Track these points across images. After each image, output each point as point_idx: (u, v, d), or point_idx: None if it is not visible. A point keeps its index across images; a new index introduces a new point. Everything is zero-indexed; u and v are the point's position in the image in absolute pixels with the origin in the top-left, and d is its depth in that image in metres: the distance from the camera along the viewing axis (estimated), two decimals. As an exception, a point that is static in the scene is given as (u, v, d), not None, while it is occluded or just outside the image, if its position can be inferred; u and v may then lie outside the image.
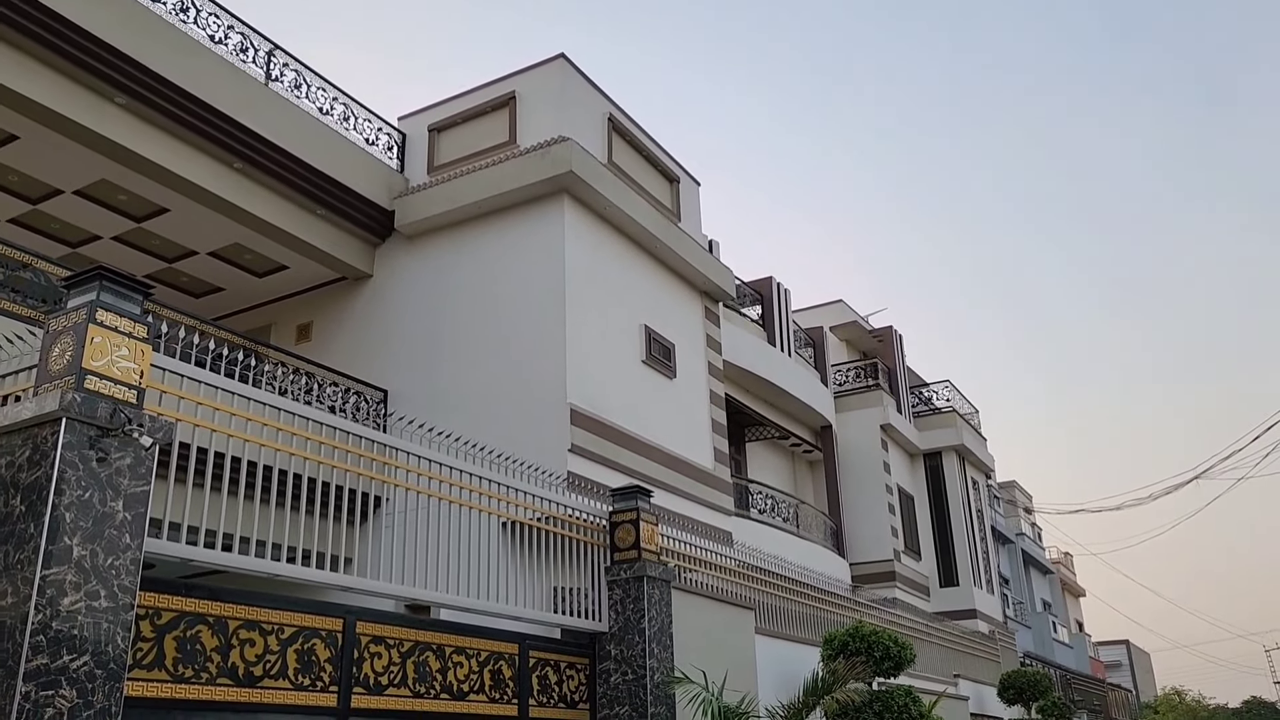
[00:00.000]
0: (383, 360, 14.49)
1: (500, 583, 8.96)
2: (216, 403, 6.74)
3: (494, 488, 9.19)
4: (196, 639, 6.36)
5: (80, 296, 5.71)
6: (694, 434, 15.71)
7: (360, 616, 7.65)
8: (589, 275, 14.00)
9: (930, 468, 26.54)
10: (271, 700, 6.78)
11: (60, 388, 5.42)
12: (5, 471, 5.43)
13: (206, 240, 14.60)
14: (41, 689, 4.96)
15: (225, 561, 6.61)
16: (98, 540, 5.36)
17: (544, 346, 13.22)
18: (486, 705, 8.57)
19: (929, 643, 18.42)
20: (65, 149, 12.17)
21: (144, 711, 5.92)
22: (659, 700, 9.64)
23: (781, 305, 22.21)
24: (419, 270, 14.90)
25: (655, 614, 9.98)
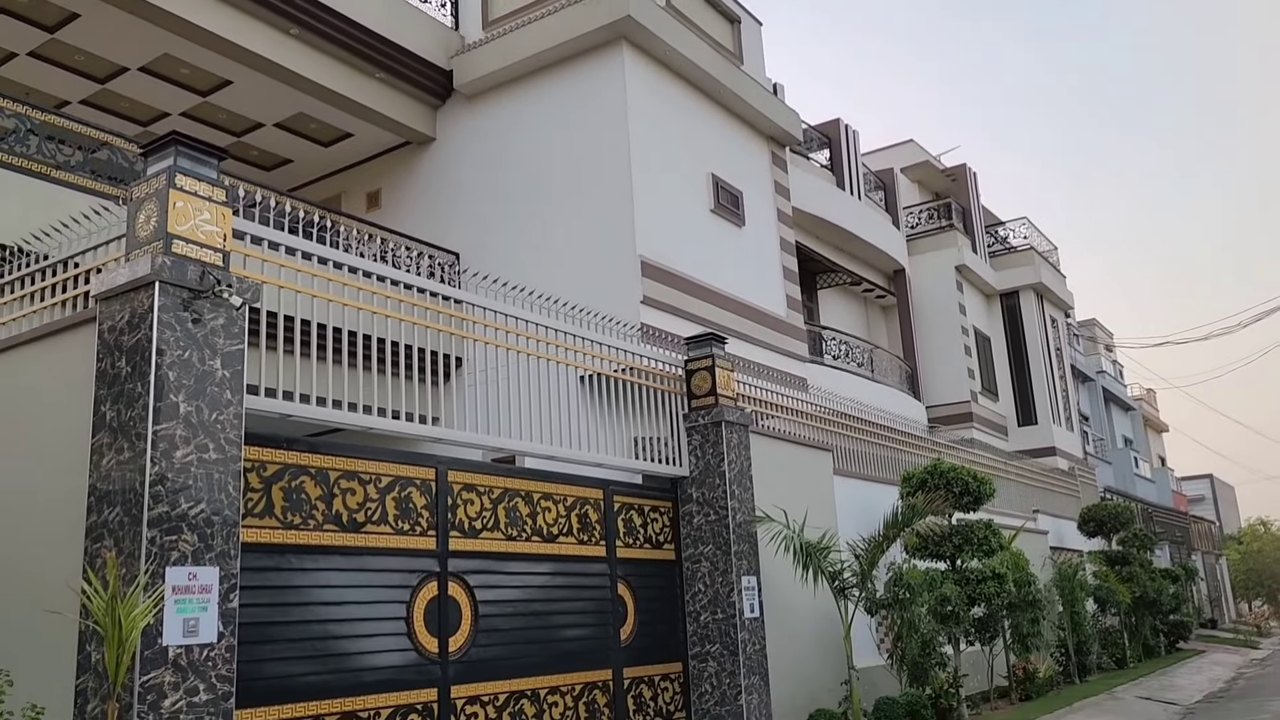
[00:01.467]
0: (452, 223, 14.58)
1: (581, 432, 9.20)
2: (299, 264, 6.90)
3: (571, 340, 9.34)
4: (301, 489, 6.71)
5: (159, 163, 5.83)
6: (765, 282, 15.63)
7: (451, 466, 7.96)
8: (653, 124, 13.75)
9: (1007, 308, 26.10)
10: (375, 544, 7.17)
11: (150, 253, 5.60)
12: (109, 335, 5.69)
13: (271, 111, 14.65)
14: (165, 534, 5.31)
15: (324, 417, 6.89)
16: (201, 397, 5.63)
17: (611, 199, 13.14)
18: (576, 546, 8.95)
19: (1007, 479, 18.55)
20: (126, 25, 12.20)
21: (259, 555, 6.31)
22: (741, 539, 9.95)
23: (850, 148, 21.61)
24: (481, 130, 14.79)
25: (734, 457, 10.19)
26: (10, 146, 9.74)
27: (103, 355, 5.69)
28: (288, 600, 6.54)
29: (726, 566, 9.80)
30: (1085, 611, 16.51)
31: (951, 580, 11.97)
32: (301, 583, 6.65)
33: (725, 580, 9.79)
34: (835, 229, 20.17)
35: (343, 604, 6.90)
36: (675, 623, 9.90)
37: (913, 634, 10.63)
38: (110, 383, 5.61)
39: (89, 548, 5.43)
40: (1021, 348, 25.70)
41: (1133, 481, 32.72)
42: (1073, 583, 16.04)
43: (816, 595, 10.28)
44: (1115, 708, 13.44)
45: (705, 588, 9.90)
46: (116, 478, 5.41)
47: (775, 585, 10.31)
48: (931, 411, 22.40)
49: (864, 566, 10.30)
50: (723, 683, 9.61)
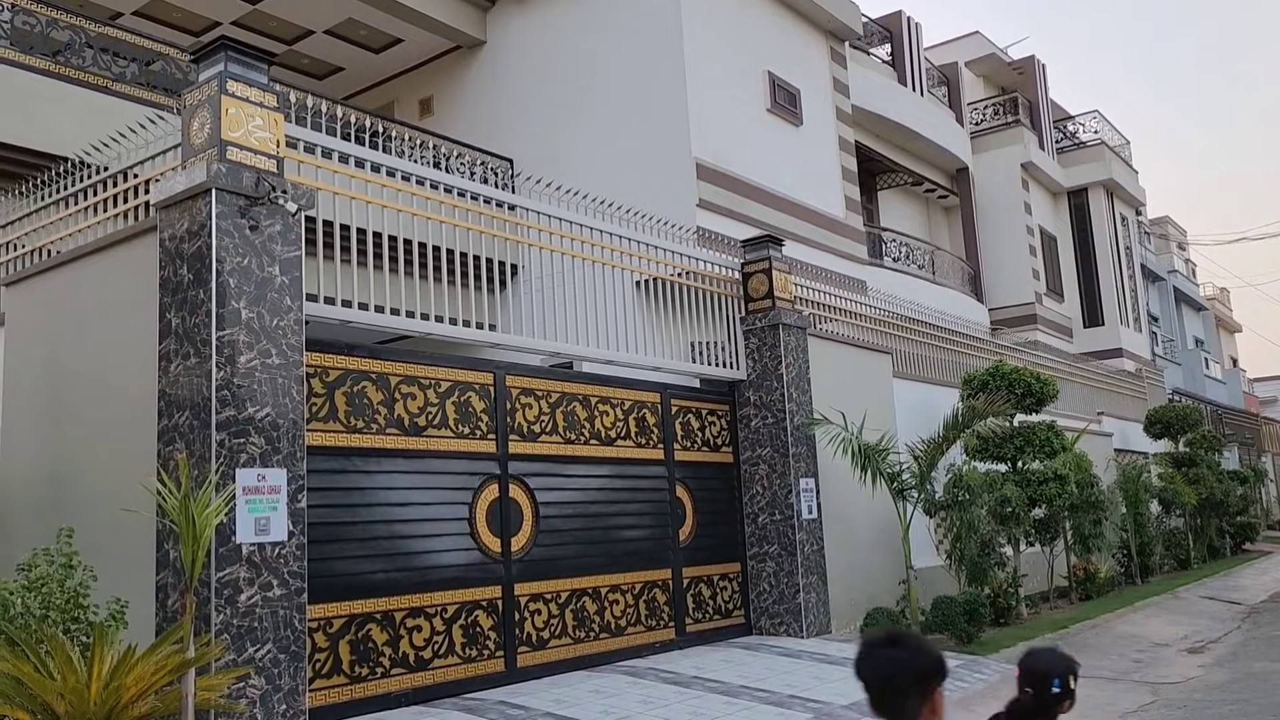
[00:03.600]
0: (505, 128, 14.42)
1: (638, 337, 9.20)
2: (352, 171, 6.89)
3: (627, 244, 9.27)
4: (363, 394, 6.83)
5: (209, 70, 5.81)
6: (823, 183, 15.30)
7: (509, 371, 8.04)
8: (707, 22, 13.35)
9: (1075, 206, 25.28)
10: (436, 447, 7.31)
11: (205, 160, 5.63)
12: (170, 244, 5.76)
13: (321, 17, 14.50)
14: (233, 437, 5.46)
15: (383, 323, 6.97)
16: (261, 303, 5.71)
17: (665, 100, 12.87)
18: (634, 449, 9.03)
19: (1071, 381, 18.23)
20: (172, -69, 12.06)
21: (324, 458, 6.47)
22: (799, 441, 9.95)
23: (912, 42, 20.81)
24: (532, 32, 14.50)
25: (792, 360, 10.13)
26: (66, 59, 9.80)
27: (165, 263, 5.78)
28: (354, 501, 6.72)
29: (784, 469, 9.84)
30: (1149, 513, 16.34)
31: (1012, 481, 11.88)
32: (366, 484, 6.82)
33: (783, 483, 9.83)
34: (896, 127, 19.58)
35: (407, 505, 7.08)
36: (733, 524, 10.01)
37: (972, 534, 10.61)
38: (174, 290, 5.71)
39: (161, 450, 5.61)
40: (1089, 247, 24.97)
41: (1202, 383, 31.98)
42: (1136, 484, 15.85)
43: (875, 497, 10.30)
44: (1177, 606, 13.38)
45: (763, 490, 9.96)
46: (184, 383, 5.55)
47: (833, 487, 10.33)
48: (994, 314, 21.99)
49: (923, 468, 10.26)
50: (780, 582, 9.73)
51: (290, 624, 5.53)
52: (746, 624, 9.87)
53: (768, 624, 9.79)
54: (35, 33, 9.61)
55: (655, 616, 8.88)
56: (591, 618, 8.25)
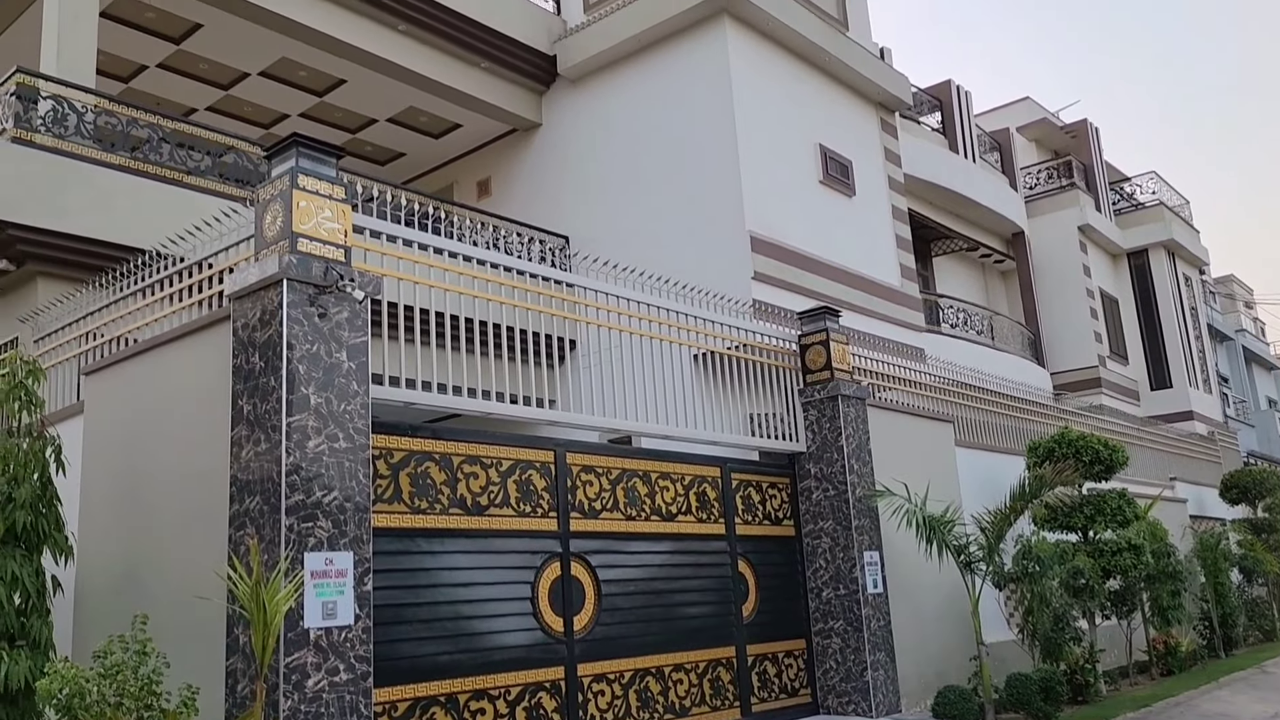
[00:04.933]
0: (561, 206, 14.72)
1: (696, 411, 9.21)
2: (415, 255, 7.08)
3: (683, 319, 9.34)
4: (426, 474, 6.91)
5: (282, 165, 6.05)
6: (878, 252, 15.32)
7: (569, 448, 8.08)
8: (758, 97, 13.58)
9: (1136, 267, 24.91)
10: (498, 526, 7.34)
11: (277, 252, 5.84)
12: (243, 333, 5.95)
13: (384, 107, 15.05)
14: (302, 521, 5.55)
15: (444, 404, 7.08)
16: (329, 389, 5.84)
17: (718, 175, 13.06)
18: (695, 524, 8.98)
19: (1141, 446, 17.78)
20: (246, 32, 12.69)
21: (389, 539, 6.54)
22: (862, 513, 9.81)
23: (962, 109, 20.92)
24: (586, 113, 14.87)
25: (852, 431, 10.05)
26: (145, 155, 10.26)
27: (238, 351, 5.96)
28: (418, 582, 6.76)
29: (847, 542, 9.70)
30: (1229, 582, 15.72)
31: (1084, 552, 11.55)
32: (430, 565, 6.86)
33: (847, 556, 9.68)
34: (949, 194, 19.59)
35: (470, 585, 7.10)
36: (797, 599, 9.86)
37: (1044, 608, 10.31)
38: (246, 377, 5.88)
39: (233, 535, 5.72)
40: (1152, 308, 24.52)
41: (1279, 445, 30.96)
42: (1215, 553, 15.28)
43: (942, 569, 10.08)
44: (1265, 681, 12.79)
45: (826, 564, 9.81)
46: (255, 468, 5.67)
47: (898, 560, 10.15)
48: (1057, 378, 21.62)
49: (990, 539, 10.03)
50: (847, 659, 9.53)
51: (356, 709, 5.55)
52: (813, 703, 9.65)
53: (835, 703, 9.56)
54: (117, 131, 10.10)
55: (720, 696, 8.72)
56: (655, 698, 8.13)
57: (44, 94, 9.66)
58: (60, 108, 9.68)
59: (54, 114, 9.63)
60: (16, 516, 5.75)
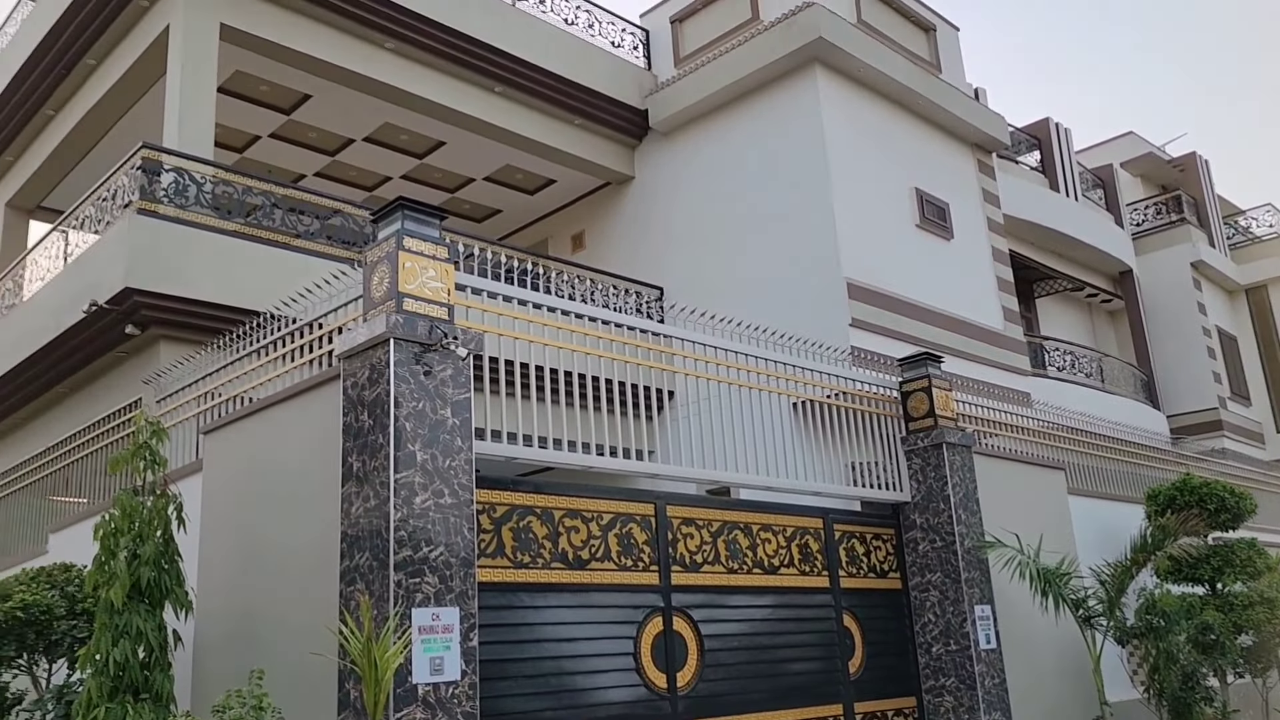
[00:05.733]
0: (655, 258, 14.84)
1: (795, 461, 9.08)
2: (515, 311, 7.20)
3: (781, 368, 9.26)
4: (529, 528, 6.95)
5: (388, 227, 6.24)
6: (979, 295, 15.00)
7: (669, 501, 8.03)
8: (851, 144, 13.53)
9: (1255, 303, 23.82)
10: (600, 581, 7.31)
11: (384, 312, 6.00)
12: (352, 391, 6.12)
13: (480, 166, 15.47)
14: (410, 576, 5.63)
15: (545, 458, 7.13)
16: (435, 445, 5.95)
17: (813, 223, 13.01)
18: (798, 577, 8.81)
19: (1269, 492, 16.84)
20: (351, 100, 13.24)
21: (493, 594, 6.57)
22: (971, 565, 9.50)
23: (1062, 147, 20.46)
24: (678, 165, 15.02)
25: (958, 480, 9.77)
26: (259, 221, 10.73)
27: (348, 409, 6.12)
28: (521, 637, 6.76)
29: (957, 595, 9.38)
30: (1376, 638, 14.68)
31: (1213, 606, 10.94)
32: (533, 620, 6.86)
33: (957, 610, 9.37)
34: (1051, 233, 19.11)
35: (573, 640, 7.07)
36: (905, 655, 9.55)
37: (1171, 666, 9.77)
38: (355, 434, 6.02)
39: (343, 590, 5.83)
40: (1275, 346, 23.38)
41: None
42: (1358, 606, 14.31)
43: (1059, 624, 9.66)
44: None
45: (935, 618, 9.50)
46: (364, 524, 5.79)
47: (1011, 614, 9.76)
48: (1173, 421, 20.71)
49: (1110, 593, 9.59)
50: (960, 718, 9.16)
51: (463, 765, 5.55)
52: (926, 764, 9.30)
53: (949, 764, 9.19)
54: (233, 199, 10.60)
55: (828, 756, 8.48)
56: (761, 757, 7.94)
57: (166, 166, 10.20)
58: (181, 179, 10.21)
59: (175, 185, 10.16)
60: (141, 572, 5.97)
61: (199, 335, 9.54)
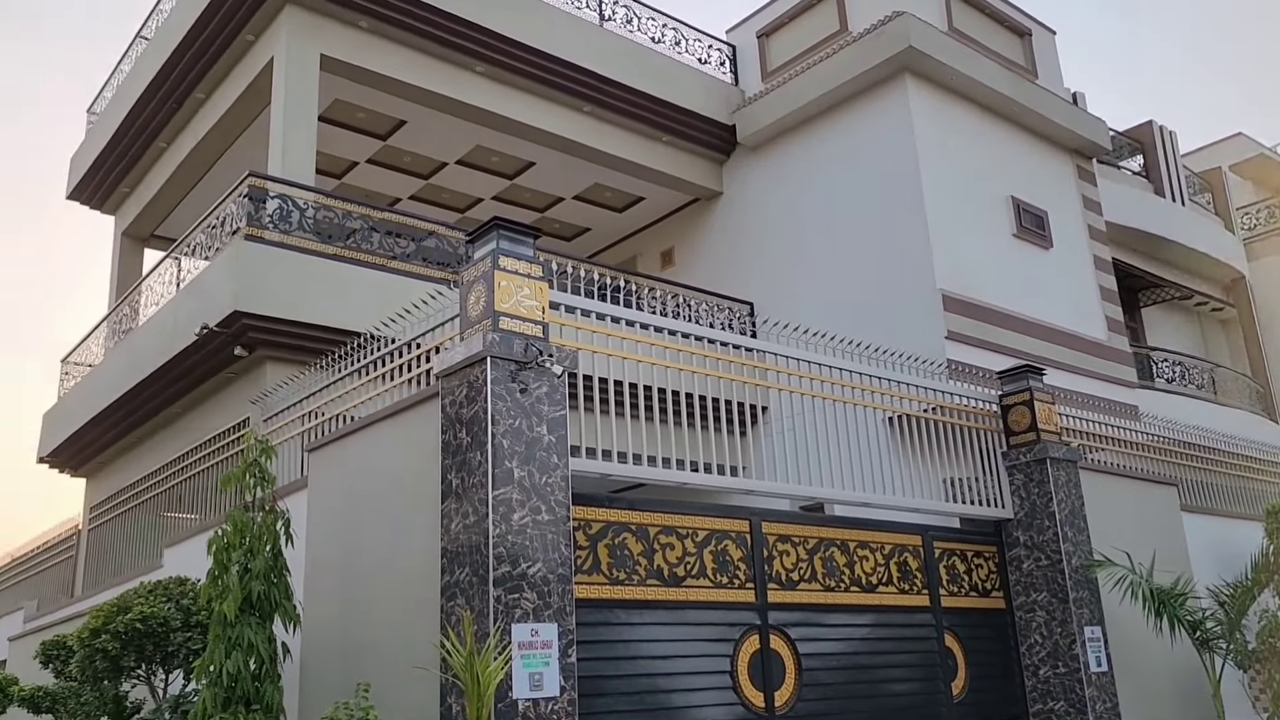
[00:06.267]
0: (744, 273, 14.78)
1: (890, 476, 8.91)
2: (608, 328, 7.24)
3: (876, 382, 9.12)
4: (624, 545, 6.96)
5: (483, 247, 6.35)
6: (1080, 305, 14.55)
7: (764, 517, 7.96)
8: (943, 153, 13.29)
9: (1381, 309, 22.56)
10: (695, 598, 7.28)
11: (481, 330, 6.10)
12: (450, 409, 6.22)
13: (570, 185, 15.64)
14: (509, 592, 5.68)
15: (639, 474, 7.14)
16: (532, 462, 6.01)
17: (905, 235, 12.80)
18: (897, 596, 8.63)
19: (1401, 509, 15.87)
20: (445, 125, 13.55)
21: (589, 610, 6.59)
22: (1079, 585, 9.18)
23: (1167, 151, 19.71)
24: (767, 179, 14.95)
25: (1063, 496, 9.46)
26: (357, 244, 11.03)
27: (446, 427, 6.23)
28: (618, 654, 6.76)
29: (1065, 616, 9.07)
30: None
31: (1342, 630, 10.34)
32: (629, 637, 6.86)
33: (1065, 631, 9.05)
34: (1156, 240, 18.42)
35: (668, 658, 7.04)
36: (1011, 677, 9.26)
37: (1297, 692, 9.28)
38: (454, 452, 6.12)
39: (444, 605, 5.92)
40: (1403, 354, 22.08)
41: None
42: None
43: (1174, 647, 9.26)
44: None
45: (1042, 639, 9.20)
46: (464, 540, 5.87)
47: (1122, 635, 9.39)
48: (1294, 433, 19.71)
49: (1230, 615, 9.16)
50: (1070, 744, 8.84)
51: (563, 781, 5.57)
52: (1034, 791, 8.99)
53: (1059, 792, 8.87)
54: (333, 223, 10.92)
55: (931, 780, 8.26)
56: (862, 780, 7.78)
57: (271, 194, 10.57)
58: (285, 205, 10.56)
59: (280, 211, 10.51)
60: (252, 586, 6.16)
61: (302, 356, 9.84)
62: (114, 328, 14.05)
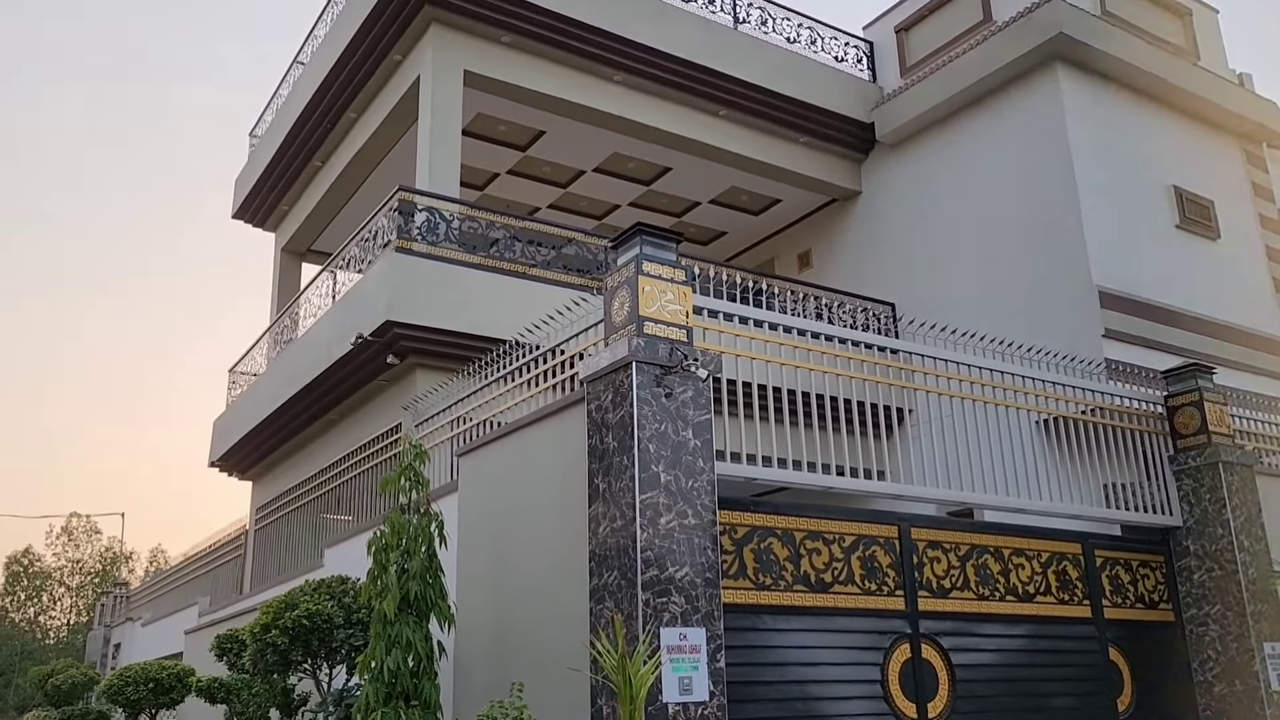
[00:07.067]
0: (884, 274, 14.47)
1: (1043, 481, 8.55)
2: (751, 332, 7.19)
3: (1028, 383, 8.77)
4: (769, 550, 6.89)
5: (627, 253, 6.40)
6: (1253, 299, 13.63)
7: (913, 523, 7.75)
8: (1099, 143, 12.68)
9: None
10: (843, 605, 7.14)
11: (626, 335, 6.15)
12: (596, 414, 6.30)
13: (706, 190, 15.64)
14: (657, 596, 5.70)
15: (786, 479, 7.06)
16: (677, 466, 6.02)
17: (1058, 230, 12.27)
18: (1056, 607, 8.26)
19: None
20: (583, 134, 13.77)
21: (736, 615, 6.55)
22: (1258, 597, 8.59)
23: (1348, 131, 18.28)
24: (907, 177, 14.60)
25: (1238, 502, 8.88)
26: (500, 253, 11.31)
27: (592, 432, 6.30)
28: (765, 660, 6.69)
29: (1242, 630, 8.50)
30: None
31: None
32: (776, 643, 6.78)
33: (1241, 646, 8.48)
34: (1337, 227, 17.11)
35: (816, 665, 6.93)
36: (1182, 694, 8.74)
37: None
38: (600, 456, 6.19)
39: (592, 608, 5.99)
40: None
41: None
42: None
43: (1369, 668, 8.55)
44: None
45: (1216, 655, 8.65)
46: (611, 543, 5.93)
47: (1309, 654, 8.73)
48: None
49: None
50: (1251, 768, 8.28)
51: (713, 786, 5.55)
52: (1210, 816, 8.45)
53: (1238, 818, 8.32)
54: (477, 234, 11.24)
55: (1096, 800, 7.87)
56: (1021, 797, 7.47)
57: (419, 207, 10.96)
58: (432, 218, 10.93)
59: (427, 223, 10.89)
60: (410, 586, 6.38)
61: (450, 363, 10.15)
62: (275, 339, 14.83)
